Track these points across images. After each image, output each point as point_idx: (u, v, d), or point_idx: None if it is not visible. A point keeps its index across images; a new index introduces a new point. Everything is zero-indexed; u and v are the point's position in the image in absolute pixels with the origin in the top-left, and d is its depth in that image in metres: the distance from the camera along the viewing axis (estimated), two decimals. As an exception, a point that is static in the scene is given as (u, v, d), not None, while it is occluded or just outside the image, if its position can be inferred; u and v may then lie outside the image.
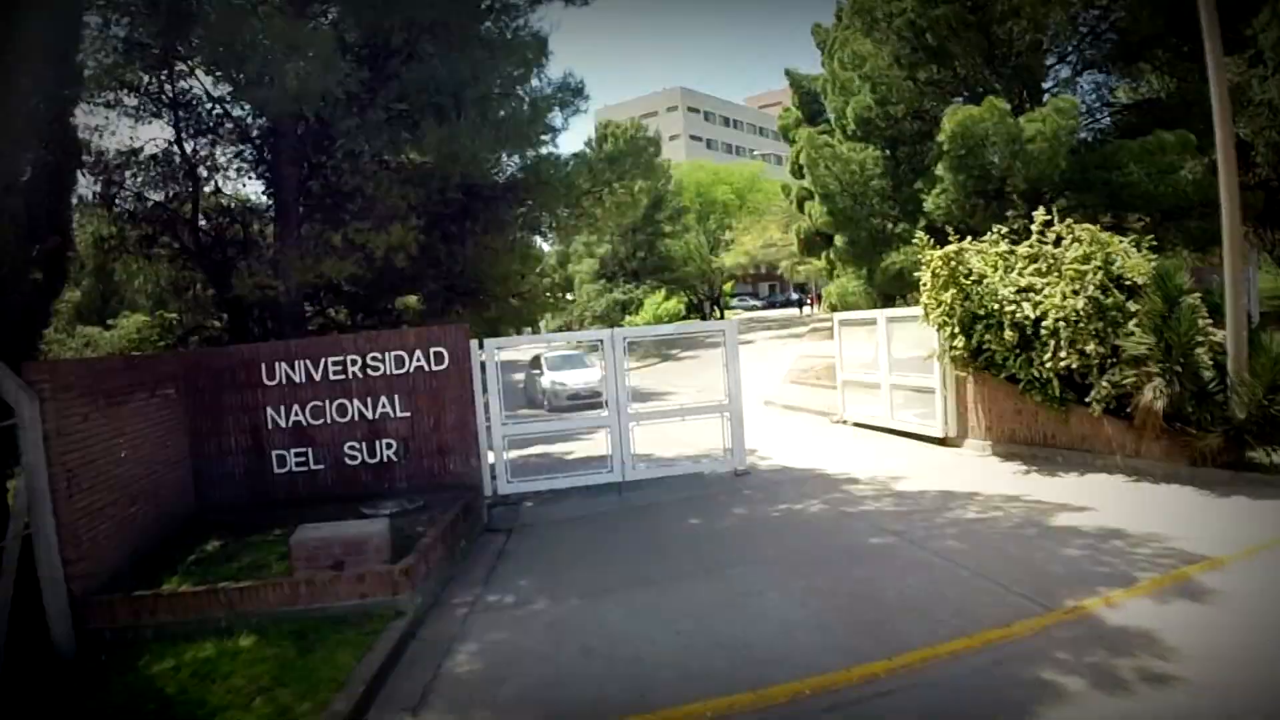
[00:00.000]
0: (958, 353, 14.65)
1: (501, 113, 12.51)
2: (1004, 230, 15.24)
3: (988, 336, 14.16)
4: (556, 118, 14.30)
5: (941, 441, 16.06)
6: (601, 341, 14.04)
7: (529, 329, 22.01)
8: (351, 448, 12.98)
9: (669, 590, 9.19)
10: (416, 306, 17.41)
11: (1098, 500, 11.48)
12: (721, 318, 66.06)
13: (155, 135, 15.30)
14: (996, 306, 13.96)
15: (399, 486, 12.95)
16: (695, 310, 66.60)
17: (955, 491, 12.46)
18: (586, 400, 22.15)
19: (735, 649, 7.48)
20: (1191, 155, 17.60)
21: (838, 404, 20.03)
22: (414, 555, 9.19)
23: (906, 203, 20.22)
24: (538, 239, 18.01)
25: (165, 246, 16.26)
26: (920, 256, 15.20)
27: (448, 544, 10.52)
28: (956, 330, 14.53)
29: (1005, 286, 14.01)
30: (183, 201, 15.91)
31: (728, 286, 72.52)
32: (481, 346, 13.34)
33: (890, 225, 20.09)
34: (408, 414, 12.97)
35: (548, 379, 26.63)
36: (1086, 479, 12.84)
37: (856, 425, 19.01)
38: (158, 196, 15.94)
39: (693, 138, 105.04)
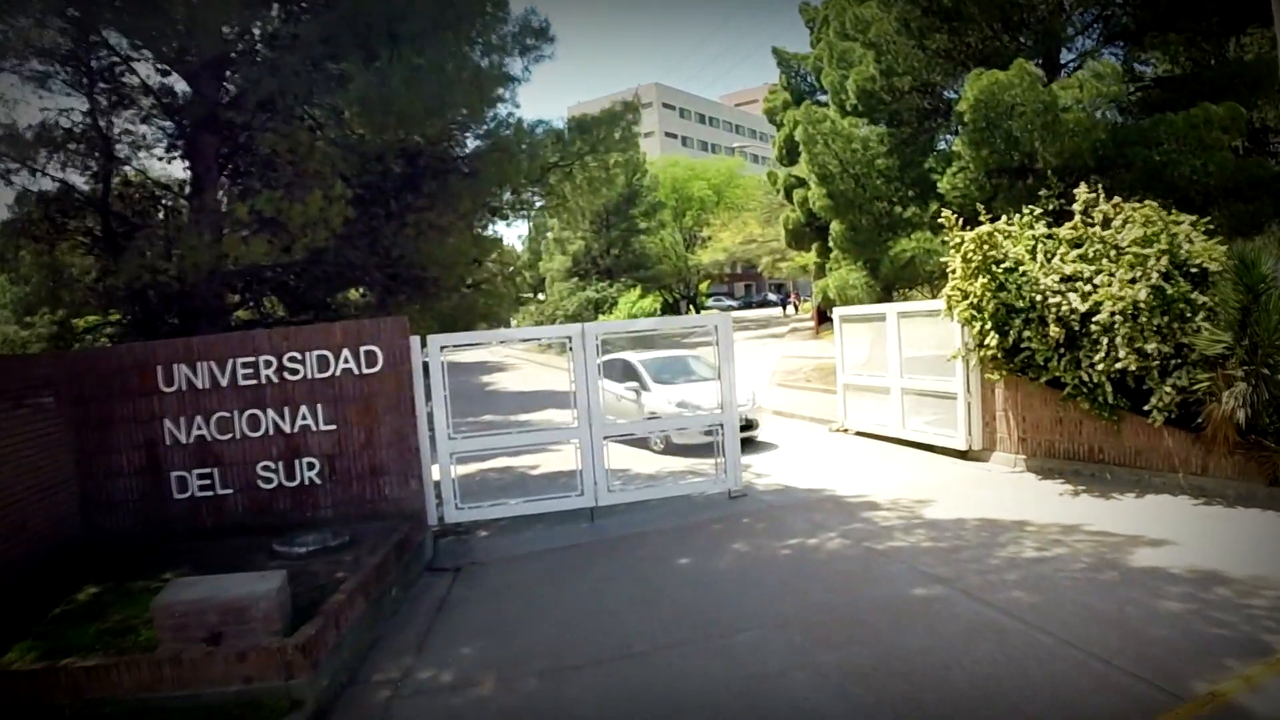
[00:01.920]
0: (990, 352, 12.51)
1: (447, 53, 10.13)
2: (1037, 211, 13.16)
3: (1027, 333, 12.06)
4: (515, 64, 11.99)
5: (963, 455, 13.92)
6: (570, 339, 11.71)
7: (500, 327, 19.53)
8: (266, 468, 10.65)
9: (658, 667, 6.89)
10: (360, 300, 15.06)
11: (1172, 530, 9.45)
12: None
13: (69, 107, 12.90)
14: (1038, 298, 11.88)
15: (323, 515, 10.66)
16: (671, 309, 64.75)
17: (999, 520, 10.28)
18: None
19: (759, 777, 5.25)
20: (1240, 132, 15.63)
21: (837, 410, 17.77)
22: (318, 621, 6.88)
23: (915, 184, 18.04)
24: (500, 222, 15.73)
25: (75, 233, 14.03)
26: (946, 240, 13.07)
27: (372, 596, 8.23)
28: (988, 326, 12.40)
29: (1046, 275, 11.94)
30: (98, 181, 13.69)
31: (703, 286, 70.64)
32: (425, 345, 11.05)
33: (899, 209, 17.86)
34: (333, 427, 10.64)
35: (661, 398, 16.59)
36: (1147, 502, 10.81)
37: (860, 434, 16.78)
38: (67, 177, 13.72)
39: (668, 134, 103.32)
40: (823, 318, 41.94)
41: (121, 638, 7.40)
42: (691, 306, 66.11)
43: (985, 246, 12.36)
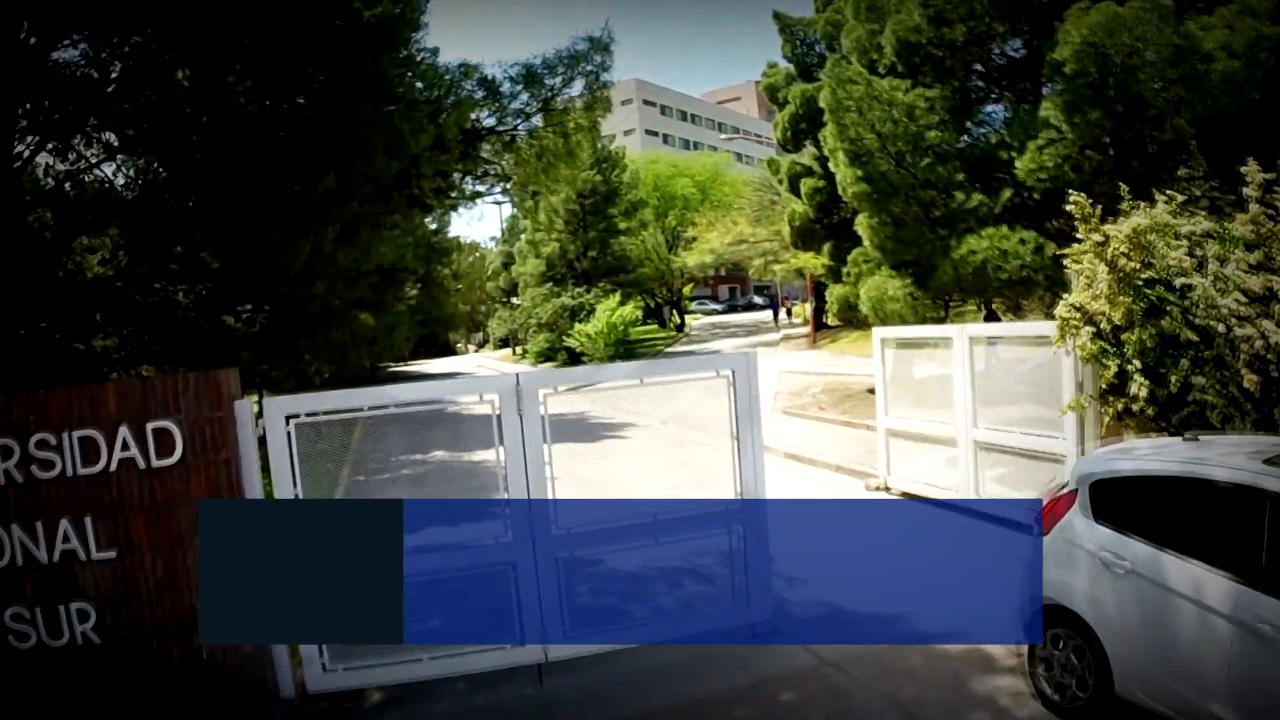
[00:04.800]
0: (1138, 405, 8.41)
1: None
2: (1178, 199, 9.13)
3: (1198, 379, 7.99)
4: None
5: (1071, 540, 9.82)
6: (497, 401, 7.30)
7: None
8: (18, 618, 6.53)
9: None
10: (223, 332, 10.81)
11: None
12: (681, 323, 60.73)
13: None
14: (1218, 327, 7.84)
15: (113, 687, 6.57)
16: (653, 315, 60.96)
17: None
18: None
19: None
20: None
21: (876, 459, 13.50)
22: None
23: (977, 165, 13.84)
24: (427, 215, 11.47)
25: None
26: (1077, 234, 8.98)
27: None
28: (1134, 365, 8.34)
29: (1225, 294, 7.92)
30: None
31: (686, 290, 66.66)
32: (261, 413, 6.85)
33: (960, 196, 13.55)
34: (112, 554, 6.51)
35: None
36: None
37: (907, 495, 12.65)
38: None
39: (648, 132, 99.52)
40: (820, 324, 38.22)
41: None
42: (675, 311, 62.29)
43: (1138, 250, 8.32)
